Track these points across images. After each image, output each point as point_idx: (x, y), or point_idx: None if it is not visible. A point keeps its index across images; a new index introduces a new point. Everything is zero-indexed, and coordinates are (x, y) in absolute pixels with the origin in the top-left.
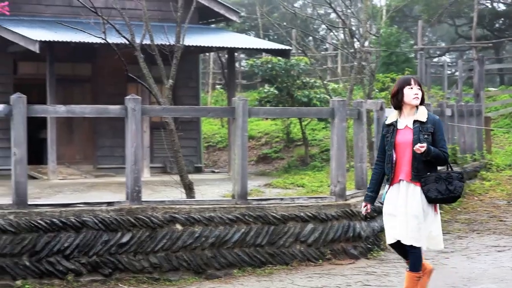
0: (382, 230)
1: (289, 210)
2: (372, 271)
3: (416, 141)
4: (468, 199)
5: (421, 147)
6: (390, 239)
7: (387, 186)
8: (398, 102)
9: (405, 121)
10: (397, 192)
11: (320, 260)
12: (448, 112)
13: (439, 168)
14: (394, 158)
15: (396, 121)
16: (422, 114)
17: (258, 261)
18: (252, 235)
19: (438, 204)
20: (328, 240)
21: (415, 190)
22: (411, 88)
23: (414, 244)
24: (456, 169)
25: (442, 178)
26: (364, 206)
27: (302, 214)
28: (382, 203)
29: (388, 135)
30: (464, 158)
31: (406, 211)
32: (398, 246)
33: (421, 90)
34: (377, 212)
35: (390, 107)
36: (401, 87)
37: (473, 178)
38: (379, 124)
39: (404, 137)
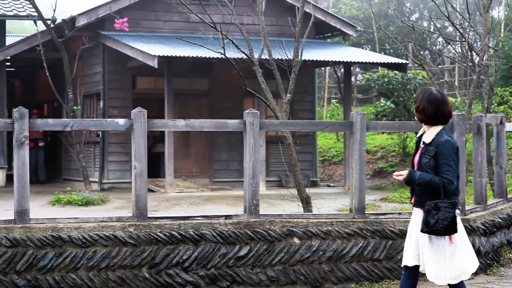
0: (501, 245)
1: (407, 225)
2: (491, 287)
3: (418, 163)
4: None
5: (397, 175)
6: (403, 260)
7: None
8: None
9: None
10: (414, 214)
11: None
12: None
13: None
14: None
15: (420, 137)
16: (428, 135)
17: (376, 276)
18: (370, 249)
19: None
20: None
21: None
22: None
23: (436, 282)
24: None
25: (430, 209)
26: None
27: None
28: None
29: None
30: None
31: (417, 238)
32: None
33: (418, 109)
34: (497, 228)
35: (510, 121)
36: None
37: None
38: (499, 139)
39: (417, 156)
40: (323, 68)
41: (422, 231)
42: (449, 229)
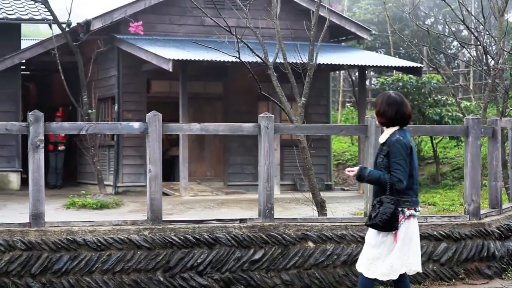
0: None
1: (422, 228)
2: None
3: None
4: None
5: (349, 171)
6: None
7: None
8: None
9: None
10: None
11: (453, 280)
12: None
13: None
14: None
15: None
16: (383, 136)
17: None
18: None
19: (399, 233)
20: (461, 260)
21: None
22: None
23: (365, 274)
24: None
25: (375, 204)
26: None
27: (435, 233)
28: None
29: None
30: None
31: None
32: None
33: (378, 113)
34: None
35: None
36: None
37: None
38: None
39: None
40: (337, 72)
41: (366, 224)
42: (387, 225)
